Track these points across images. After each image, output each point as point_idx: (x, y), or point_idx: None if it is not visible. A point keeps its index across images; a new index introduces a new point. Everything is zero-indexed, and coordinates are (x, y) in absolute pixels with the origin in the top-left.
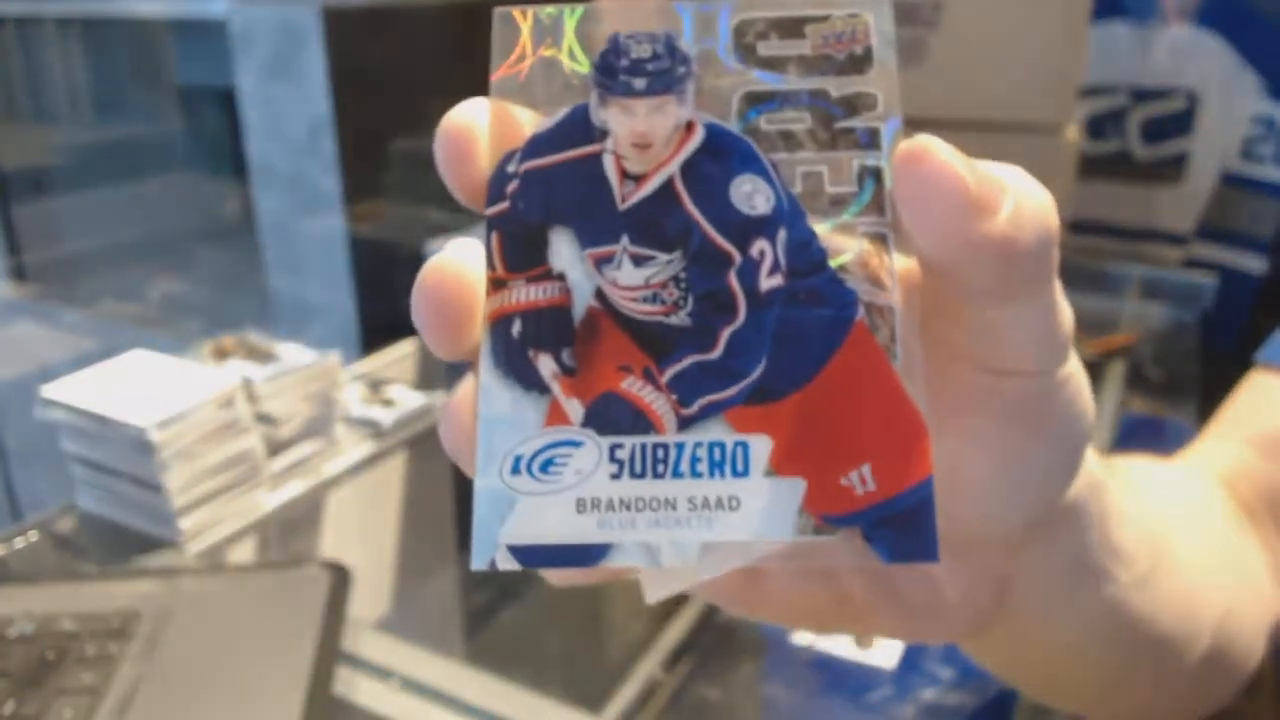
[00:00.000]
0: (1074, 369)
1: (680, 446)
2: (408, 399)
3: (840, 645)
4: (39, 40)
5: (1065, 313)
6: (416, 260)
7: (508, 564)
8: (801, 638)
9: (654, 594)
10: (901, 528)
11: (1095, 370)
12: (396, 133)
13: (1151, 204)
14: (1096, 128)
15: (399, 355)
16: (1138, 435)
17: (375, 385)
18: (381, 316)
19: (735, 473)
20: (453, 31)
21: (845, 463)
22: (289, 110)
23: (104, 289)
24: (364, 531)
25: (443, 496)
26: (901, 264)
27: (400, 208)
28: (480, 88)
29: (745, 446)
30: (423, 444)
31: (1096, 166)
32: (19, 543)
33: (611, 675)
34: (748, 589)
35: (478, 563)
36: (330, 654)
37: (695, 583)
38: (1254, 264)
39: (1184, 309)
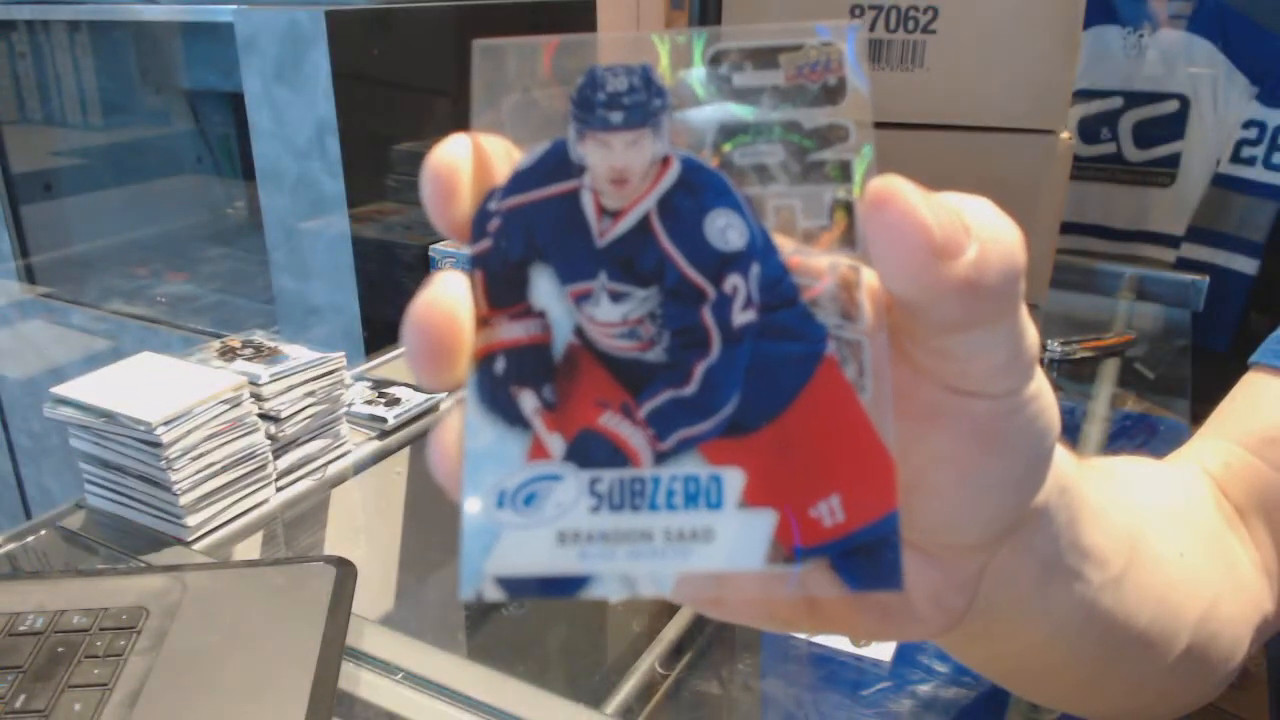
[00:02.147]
0: (1039, 387)
1: (656, 480)
2: (412, 398)
3: (837, 640)
4: (48, 44)
5: (1030, 335)
6: (420, 261)
7: (494, 594)
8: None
9: None
10: (867, 558)
11: (1090, 369)
12: (401, 135)
13: (1144, 205)
14: (1089, 130)
15: (403, 355)
16: (1131, 433)
17: (379, 384)
18: (385, 317)
19: (709, 505)
20: (456, 34)
21: (814, 494)
22: (294, 113)
23: (112, 289)
24: (369, 528)
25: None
26: (872, 280)
27: (404, 209)
28: None
29: (718, 479)
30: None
31: (1090, 168)
32: (30, 539)
33: (612, 670)
34: (718, 594)
35: (465, 593)
36: (336, 648)
37: None
38: (1245, 264)
39: (1176, 309)
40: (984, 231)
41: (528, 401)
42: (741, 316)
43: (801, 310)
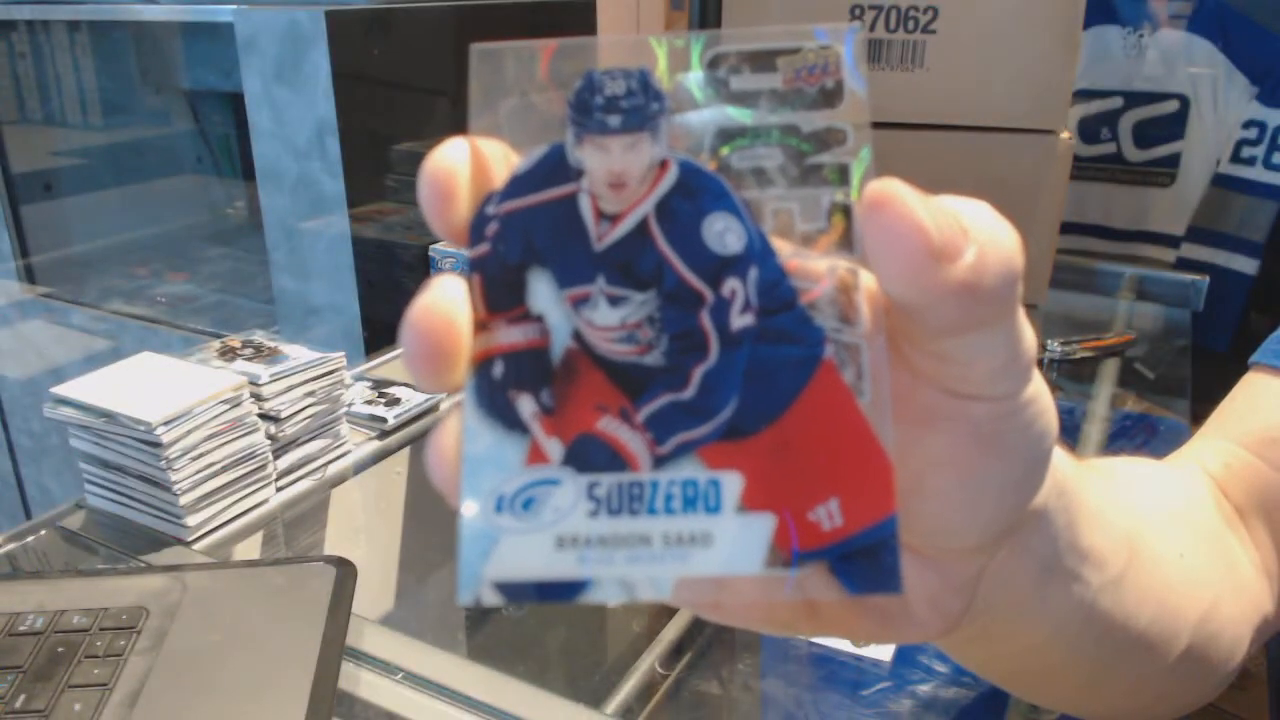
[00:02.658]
0: (1037, 391)
1: (655, 484)
2: (412, 398)
3: (837, 640)
4: (48, 44)
5: (1028, 338)
6: (420, 261)
7: (492, 599)
8: None
9: None
10: (866, 561)
11: (1090, 369)
12: (400, 135)
13: (1144, 205)
14: (1090, 130)
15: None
16: (1131, 433)
17: (379, 384)
18: (385, 317)
19: (708, 509)
20: (455, 34)
21: (813, 498)
22: (294, 113)
23: (112, 289)
24: (369, 528)
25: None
26: (870, 284)
27: (404, 209)
28: None
29: (717, 483)
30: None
31: (1090, 168)
32: (30, 539)
33: (612, 670)
34: (717, 598)
35: (463, 598)
36: (336, 648)
37: None
38: (1245, 264)
39: (1176, 309)
40: (982, 234)
41: (526, 406)
42: (740, 320)
43: (800, 314)
